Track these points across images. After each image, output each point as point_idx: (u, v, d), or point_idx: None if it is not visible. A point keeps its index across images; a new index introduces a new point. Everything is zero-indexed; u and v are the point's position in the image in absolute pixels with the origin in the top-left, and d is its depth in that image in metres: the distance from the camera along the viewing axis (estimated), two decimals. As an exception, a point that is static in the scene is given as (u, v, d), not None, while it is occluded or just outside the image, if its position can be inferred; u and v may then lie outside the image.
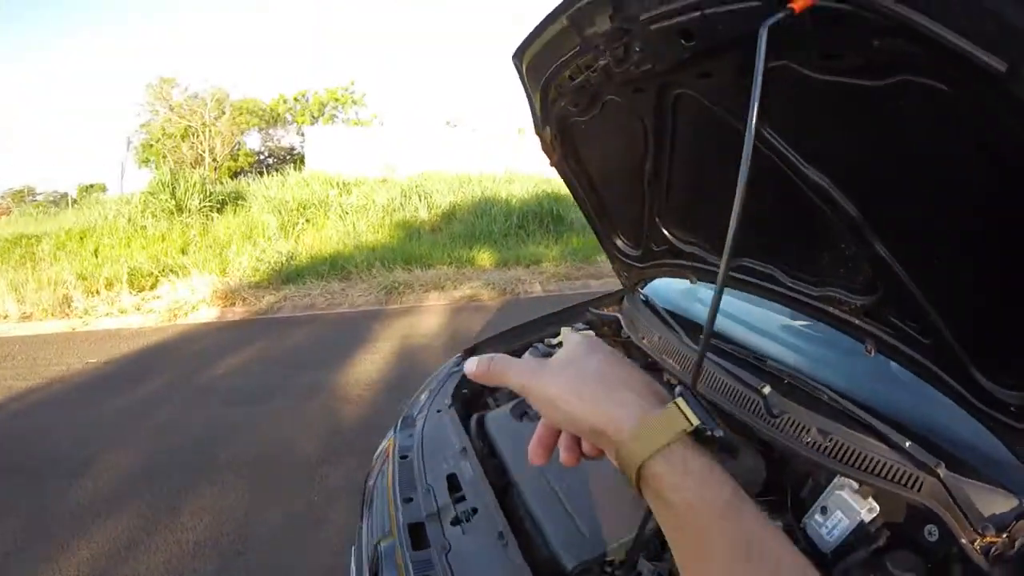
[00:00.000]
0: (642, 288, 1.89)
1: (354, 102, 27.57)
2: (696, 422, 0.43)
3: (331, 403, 4.00)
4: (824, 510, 1.10)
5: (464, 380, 1.72)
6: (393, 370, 4.55)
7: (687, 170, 1.30)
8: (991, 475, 0.99)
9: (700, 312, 1.78)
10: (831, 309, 1.16)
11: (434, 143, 16.48)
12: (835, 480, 1.10)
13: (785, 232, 1.18)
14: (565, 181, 1.63)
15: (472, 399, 1.73)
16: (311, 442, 3.46)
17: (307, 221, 10.00)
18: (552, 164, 1.55)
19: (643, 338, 1.70)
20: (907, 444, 1.05)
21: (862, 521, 1.04)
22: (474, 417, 1.53)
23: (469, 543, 1.13)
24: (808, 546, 1.09)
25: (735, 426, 1.29)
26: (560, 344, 0.56)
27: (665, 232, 1.53)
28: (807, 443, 1.16)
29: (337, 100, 27.18)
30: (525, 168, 14.43)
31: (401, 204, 10.88)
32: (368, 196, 11.18)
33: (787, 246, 1.22)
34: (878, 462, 1.07)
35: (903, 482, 1.03)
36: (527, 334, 1.93)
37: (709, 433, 0.43)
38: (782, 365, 1.37)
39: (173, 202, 9.91)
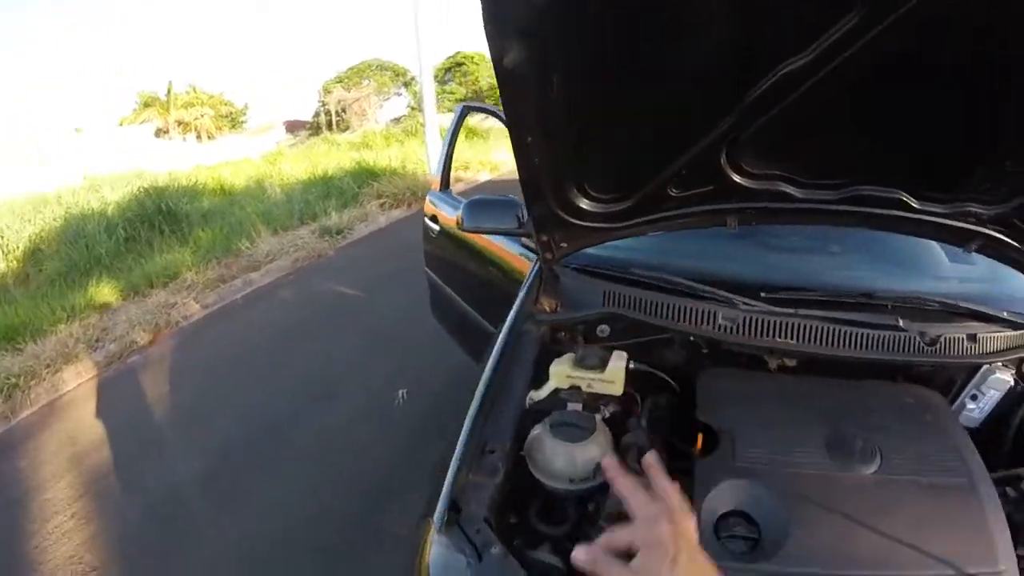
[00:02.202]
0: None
1: None
2: None
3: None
4: (974, 396, 1.28)
5: None
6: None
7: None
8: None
9: (680, 263, 1.57)
10: (958, 223, 1.23)
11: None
12: (982, 368, 1.27)
13: (941, 149, 1.13)
14: (512, 110, 1.07)
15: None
16: None
17: None
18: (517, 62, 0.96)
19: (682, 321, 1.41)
20: (1004, 313, 1.34)
21: (1011, 387, 1.25)
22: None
23: None
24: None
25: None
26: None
27: (728, 166, 1.23)
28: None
29: None
30: (102, 168, 12.05)
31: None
32: None
33: (931, 165, 1.16)
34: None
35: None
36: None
37: None
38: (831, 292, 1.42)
39: None
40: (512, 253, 2.26)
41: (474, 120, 13.16)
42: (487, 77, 26.89)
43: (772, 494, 0.98)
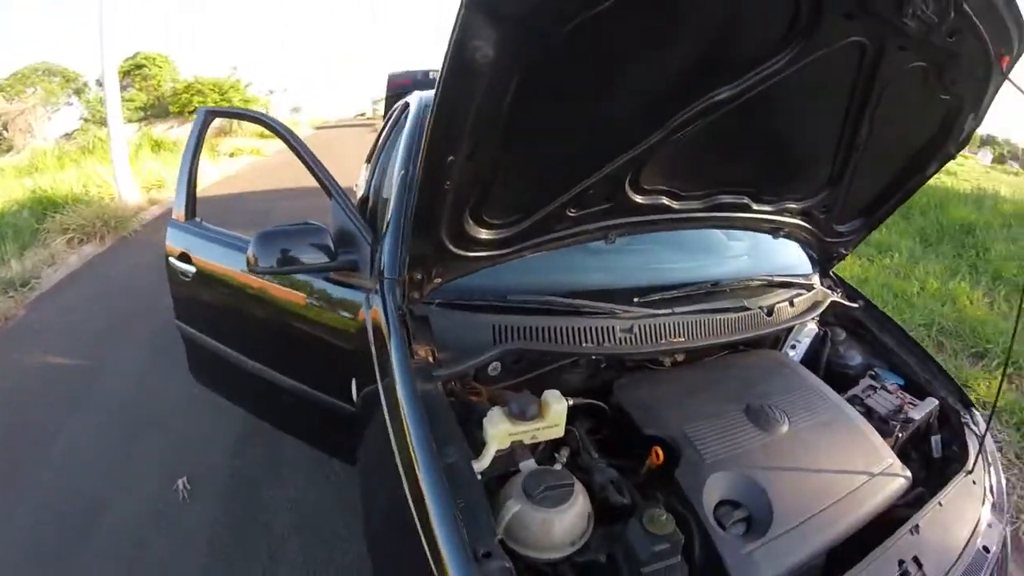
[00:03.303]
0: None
1: None
2: None
3: None
4: (793, 346, 1.64)
5: None
6: None
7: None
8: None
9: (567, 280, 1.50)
10: (779, 217, 1.50)
11: None
12: (795, 327, 1.62)
13: (779, 166, 1.38)
14: (446, 121, 0.94)
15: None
16: None
17: None
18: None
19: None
20: (802, 279, 1.68)
21: (817, 333, 1.68)
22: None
23: None
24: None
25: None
26: None
27: (629, 185, 1.26)
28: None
29: None
30: None
31: None
32: None
33: (772, 177, 1.41)
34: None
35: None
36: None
37: None
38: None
39: None
40: (296, 294, 1.78)
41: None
42: (170, 82, 22.79)
43: (747, 477, 1.11)
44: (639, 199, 1.28)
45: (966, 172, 11.35)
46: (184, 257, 2.08)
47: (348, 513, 2.12)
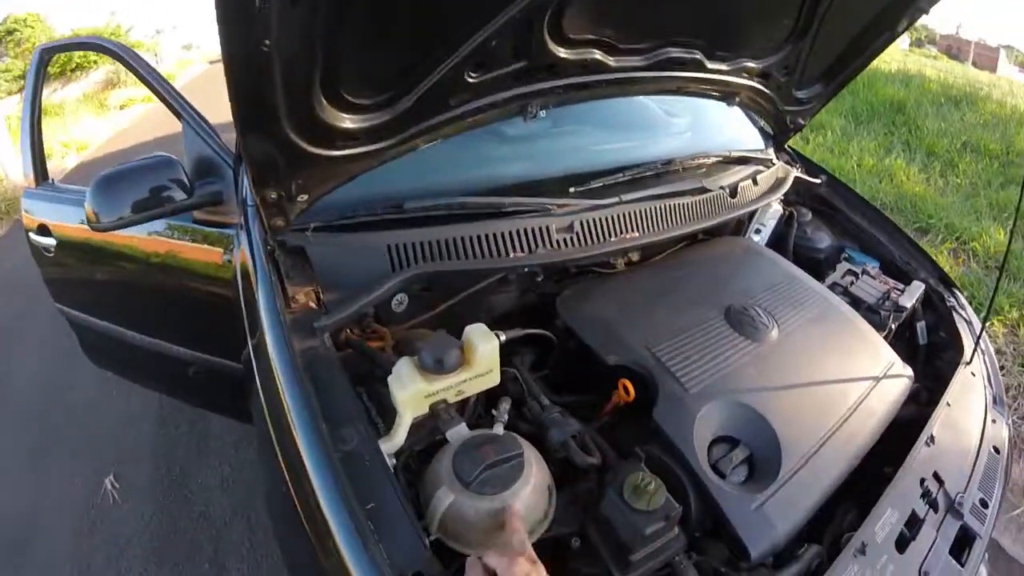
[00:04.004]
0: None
1: None
2: None
3: None
4: (758, 230, 1.43)
5: None
6: None
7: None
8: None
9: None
10: (737, 79, 1.24)
11: None
12: (758, 211, 1.38)
13: (735, 14, 1.11)
14: None
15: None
16: None
17: None
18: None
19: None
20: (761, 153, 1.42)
21: (781, 214, 1.46)
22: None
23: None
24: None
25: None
26: None
27: (548, 34, 0.91)
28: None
29: None
30: None
31: None
32: None
33: (728, 28, 1.14)
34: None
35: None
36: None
37: None
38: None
39: None
40: (180, 242, 1.44)
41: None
42: (45, 41, 20.61)
43: (743, 405, 0.89)
44: (563, 53, 0.93)
45: (887, 55, 11.47)
46: (42, 229, 1.71)
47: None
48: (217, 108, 1.38)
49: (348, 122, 0.86)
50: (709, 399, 0.88)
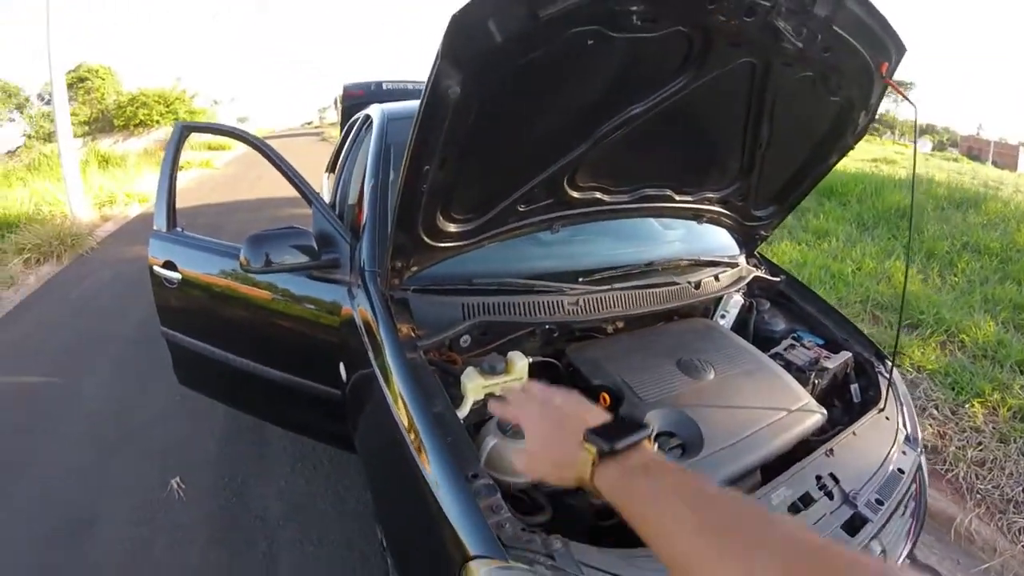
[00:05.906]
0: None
1: None
2: (594, 452, 0.59)
3: None
4: (723, 316, 1.91)
5: None
6: None
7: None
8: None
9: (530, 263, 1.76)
10: (701, 206, 1.78)
11: None
12: (723, 299, 1.90)
13: (694, 162, 1.65)
14: (423, 138, 1.17)
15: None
16: None
17: None
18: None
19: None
20: (726, 258, 1.96)
21: (743, 304, 1.95)
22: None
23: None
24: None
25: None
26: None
27: (567, 184, 1.52)
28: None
29: None
30: None
31: None
32: None
33: (689, 172, 1.67)
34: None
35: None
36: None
37: (608, 450, 0.59)
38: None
39: None
40: (289, 292, 1.92)
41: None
42: (114, 94, 22.47)
43: (679, 411, 1.35)
44: (576, 195, 1.54)
45: (906, 160, 11.77)
46: (169, 265, 2.18)
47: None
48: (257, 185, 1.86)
49: (451, 227, 1.46)
50: (656, 406, 1.35)
